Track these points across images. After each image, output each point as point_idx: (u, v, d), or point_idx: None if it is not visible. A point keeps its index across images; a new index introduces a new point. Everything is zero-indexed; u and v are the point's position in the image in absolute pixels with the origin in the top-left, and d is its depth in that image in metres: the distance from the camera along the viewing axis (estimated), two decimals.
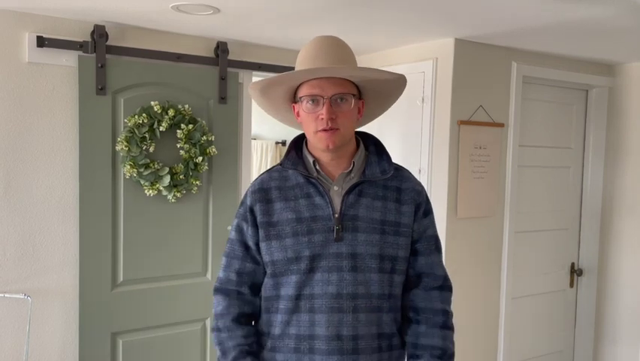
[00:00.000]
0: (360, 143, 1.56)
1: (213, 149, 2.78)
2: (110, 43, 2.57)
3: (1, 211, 2.44)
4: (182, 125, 2.69)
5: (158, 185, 2.67)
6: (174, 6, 2.26)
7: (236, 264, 1.54)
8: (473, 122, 2.83)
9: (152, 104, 2.65)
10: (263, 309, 1.55)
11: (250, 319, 1.56)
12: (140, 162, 2.61)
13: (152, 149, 2.65)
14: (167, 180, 2.67)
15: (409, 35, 2.74)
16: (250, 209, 1.52)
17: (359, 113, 1.52)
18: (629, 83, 3.31)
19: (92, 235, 2.59)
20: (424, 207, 1.54)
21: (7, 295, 2.45)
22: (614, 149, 3.38)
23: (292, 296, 1.46)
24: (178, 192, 2.73)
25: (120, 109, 2.63)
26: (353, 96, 1.46)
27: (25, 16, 2.43)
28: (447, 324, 1.53)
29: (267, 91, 1.51)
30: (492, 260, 3.02)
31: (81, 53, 2.52)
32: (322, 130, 1.43)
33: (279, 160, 2.41)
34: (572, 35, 2.60)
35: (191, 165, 2.73)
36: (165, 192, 2.71)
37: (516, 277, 3.16)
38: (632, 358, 3.28)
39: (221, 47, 2.86)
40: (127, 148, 2.58)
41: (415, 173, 1.64)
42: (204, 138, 2.74)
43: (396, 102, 1.61)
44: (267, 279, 1.52)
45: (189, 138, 2.72)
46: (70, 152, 2.56)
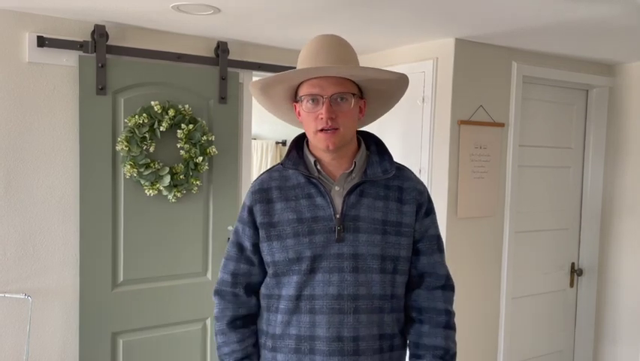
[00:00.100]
0: (362, 142, 1.55)
1: (213, 149, 2.78)
2: (110, 43, 2.57)
3: (1, 211, 2.44)
4: (183, 125, 2.69)
5: (158, 185, 2.67)
6: (174, 6, 2.26)
7: (230, 265, 1.55)
8: (473, 122, 2.83)
9: (153, 104, 2.65)
10: (263, 307, 1.55)
11: (246, 320, 1.55)
12: (140, 162, 2.61)
13: (152, 149, 2.65)
14: (167, 180, 2.67)
15: (410, 35, 2.74)
16: (250, 209, 1.51)
17: (361, 113, 1.51)
18: (630, 83, 3.31)
19: (92, 234, 2.60)
20: (425, 206, 1.54)
21: (7, 295, 2.45)
22: (615, 149, 3.38)
23: (293, 296, 1.46)
24: (178, 192, 2.73)
25: (120, 109, 2.63)
26: (353, 96, 1.45)
27: (25, 16, 2.42)
28: (449, 324, 1.53)
29: (267, 90, 1.51)
30: (492, 260, 3.01)
31: (81, 53, 2.52)
32: (322, 130, 1.42)
33: (279, 160, 2.40)
34: (572, 35, 2.60)
35: (192, 165, 2.73)
36: (165, 192, 2.71)
37: (516, 277, 3.16)
38: (632, 358, 3.28)
39: (222, 47, 2.86)
40: (127, 148, 2.57)
41: (416, 173, 1.63)
42: (204, 137, 2.74)
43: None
44: (268, 278, 1.52)
45: (189, 137, 2.72)
46: (71, 152, 2.56)
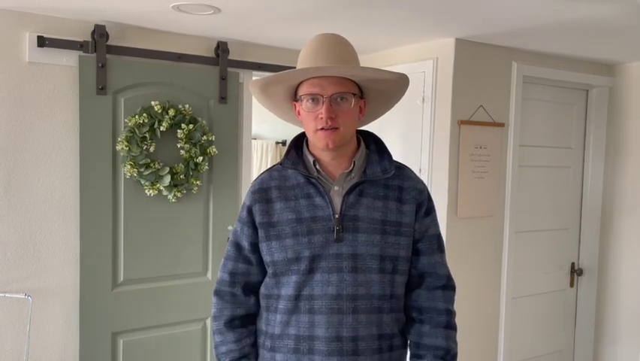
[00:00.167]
0: (361, 142, 1.55)
1: (214, 149, 2.78)
2: (110, 43, 2.57)
3: (1, 211, 2.44)
4: (183, 125, 2.69)
5: (158, 185, 2.67)
6: (175, 6, 2.26)
7: (229, 265, 1.55)
8: (474, 121, 2.83)
9: (153, 103, 2.65)
10: (263, 307, 1.55)
11: (244, 320, 1.55)
12: (140, 162, 2.61)
13: (152, 149, 2.65)
14: (167, 180, 2.67)
15: (410, 35, 2.74)
16: (249, 209, 1.51)
17: (361, 113, 1.51)
18: (630, 83, 3.31)
19: (93, 234, 2.60)
20: (425, 206, 1.53)
21: (7, 294, 2.45)
22: (615, 149, 3.38)
23: (292, 296, 1.46)
24: (178, 191, 2.73)
25: (121, 109, 2.63)
26: (353, 95, 1.45)
27: (25, 16, 2.42)
28: (450, 324, 1.53)
29: (267, 89, 1.51)
30: (492, 260, 3.01)
31: (81, 53, 2.52)
32: (322, 129, 1.42)
33: (279, 160, 2.41)
34: (573, 35, 2.60)
35: (192, 165, 2.73)
36: (165, 192, 2.71)
37: (516, 276, 3.16)
38: (632, 358, 3.28)
39: (222, 47, 2.86)
40: (127, 148, 2.57)
41: (416, 172, 1.63)
42: (205, 137, 2.74)
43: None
44: (268, 278, 1.52)
45: (190, 137, 2.72)
46: (71, 152, 2.56)
